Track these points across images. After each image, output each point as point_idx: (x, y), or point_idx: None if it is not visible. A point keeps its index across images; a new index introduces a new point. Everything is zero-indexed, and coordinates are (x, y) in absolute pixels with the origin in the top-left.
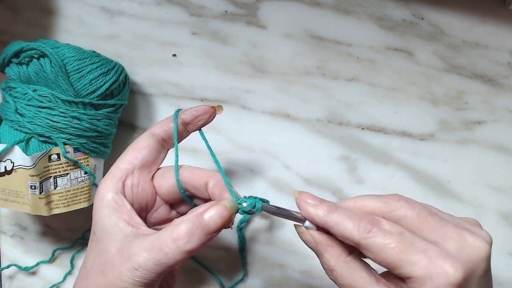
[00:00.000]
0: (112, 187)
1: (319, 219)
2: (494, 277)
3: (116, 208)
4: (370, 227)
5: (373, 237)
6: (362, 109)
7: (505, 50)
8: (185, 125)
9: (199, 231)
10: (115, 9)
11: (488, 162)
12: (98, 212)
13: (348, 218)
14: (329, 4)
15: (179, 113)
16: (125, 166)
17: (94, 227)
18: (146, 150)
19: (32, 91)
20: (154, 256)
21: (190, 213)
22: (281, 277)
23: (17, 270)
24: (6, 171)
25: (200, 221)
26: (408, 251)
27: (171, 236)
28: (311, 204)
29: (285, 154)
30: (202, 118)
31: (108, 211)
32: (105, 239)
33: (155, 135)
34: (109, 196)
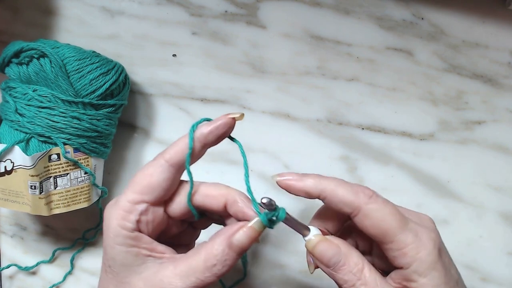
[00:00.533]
0: (126, 225)
1: (313, 188)
2: (494, 277)
3: (133, 244)
4: (370, 192)
5: (374, 202)
6: (362, 109)
7: (505, 50)
8: (204, 145)
9: (231, 255)
10: (115, 9)
11: (488, 162)
12: (113, 249)
13: (343, 184)
14: (329, 4)
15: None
16: (136, 200)
17: (110, 261)
18: (162, 187)
19: (32, 91)
20: (190, 284)
21: (219, 236)
22: (281, 277)
23: (17, 270)
24: (6, 171)
25: (231, 245)
26: (404, 219)
27: (205, 265)
28: (297, 179)
29: (285, 154)
30: (224, 134)
31: (126, 248)
32: (126, 272)
33: (171, 166)
34: (124, 233)
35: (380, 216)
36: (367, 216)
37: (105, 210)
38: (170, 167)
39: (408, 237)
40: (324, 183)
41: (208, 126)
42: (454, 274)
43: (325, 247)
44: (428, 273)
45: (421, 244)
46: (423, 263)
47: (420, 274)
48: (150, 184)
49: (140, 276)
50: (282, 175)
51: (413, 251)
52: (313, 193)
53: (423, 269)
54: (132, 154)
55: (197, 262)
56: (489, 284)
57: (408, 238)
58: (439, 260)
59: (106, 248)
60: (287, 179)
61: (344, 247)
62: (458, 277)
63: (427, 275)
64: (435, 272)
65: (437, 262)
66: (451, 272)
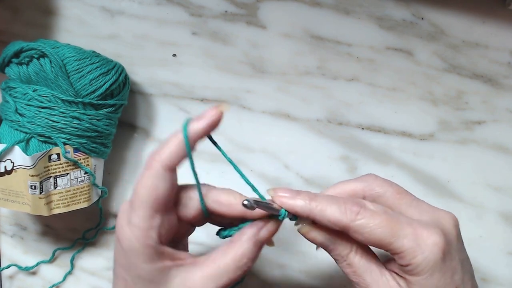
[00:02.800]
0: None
1: (303, 209)
2: (494, 277)
3: (158, 259)
4: (357, 209)
5: (361, 218)
6: (362, 109)
7: (505, 50)
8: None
9: (256, 250)
10: (115, 9)
11: (488, 162)
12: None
13: (332, 203)
14: (329, 4)
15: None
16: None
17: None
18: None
19: (32, 91)
20: (222, 284)
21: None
22: (281, 277)
23: (17, 270)
24: (6, 171)
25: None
26: (396, 227)
27: (237, 265)
28: (289, 197)
29: (285, 154)
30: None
31: (152, 265)
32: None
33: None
34: (148, 252)
35: (369, 231)
36: (356, 232)
37: (119, 231)
38: (169, 173)
39: (403, 243)
40: (313, 204)
41: (202, 124)
42: (456, 280)
43: (315, 235)
44: (422, 274)
45: (419, 248)
46: (419, 266)
47: (415, 273)
48: (157, 197)
49: (167, 287)
50: (276, 190)
51: (409, 255)
52: (302, 214)
53: (418, 271)
54: (132, 154)
55: (227, 263)
56: (489, 284)
57: (404, 244)
58: (439, 264)
59: (129, 266)
60: (280, 196)
61: (333, 235)
62: (461, 283)
63: (421, 275)
64: (431, 275)
65: (435, 265)
66: (454, 277)
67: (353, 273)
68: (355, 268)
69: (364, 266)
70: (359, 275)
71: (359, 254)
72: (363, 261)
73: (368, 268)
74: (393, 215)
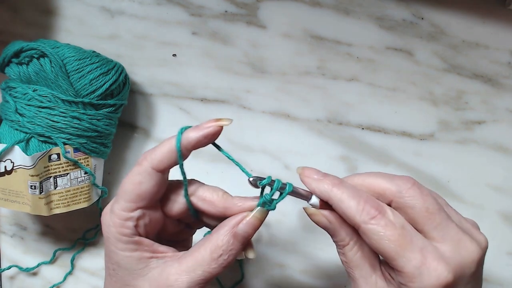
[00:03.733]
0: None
1: (322, 194)
2: (494, 277)
3: (135, 248)
4: (375, 212)
5: (375, 224)
6: (362, 109)
7: (505, 50)
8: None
9: (236, 244)
10: (115, 9)
11: (488, 162)
12: (116, 255)
13: (352, 197)
14: (329, 4)
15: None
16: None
17: (114, 266)
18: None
19: (32, 91)
20: (197, 277)
21: (223, 227)
22: (281, 277)
23: (17, 271)
24: (6, 171)
25: (236, 235)
26: (406, 247)
27: (212, 256)
28: (315, 179)
29: (285, 154)
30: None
31: (129, 253)
32: (131, 276)
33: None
34: (125, 239)
35: (376, 238)
36: (364, 234)
37: (102, 218)
38: (157, 173)
39: (405, 265)
40: (334, 191)
41: (196, 134)
42: None
43: (318, 219)
44: None
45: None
46: None
47: None
48: (141, 192)
49: (145, 277)
50: (305, 170)
51: (407, 278)
52: (322, 198)
53: None
54: (132, 154)
55: (202, 255)
56: (489, 284)
57: (405, 266)
58: None
59: (110, 254)
60: (307, 176)
61: (337, 223)
62: None
63: None
64: None
65: None
66: None
67: (345, 263)
68: (348, 260)
69: (356, 261)
70: (350, 267)
71: (355, 249)
72: (357, 257)
73: (360, 265)
74: (408, 233)
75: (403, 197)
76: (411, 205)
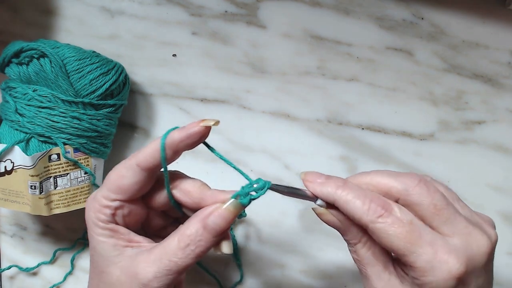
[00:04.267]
0: (102, 217)
1: (327, 197)
2: (494, 277)
3: (110, 235)
4: (381, 211)
5: (382, 222)
6: (362, 109)
7: (505, 50)
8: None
9: (205, 236)
10: (115, 9)
11: (488, 162)
12: (93, 239)
13: (357, 197)
14: (329, 4)
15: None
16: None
17: (92, 251)
18: (133, 188)
19: (32, 91)
20: (163, 267)
21: (194, 217)
22: (281, 277)
23: (17, 271)
24: (6, 171)
25: (206, 226)
26: (415, 242)
27: (179, 246)
28: (318, 183)
29: (285, 154)
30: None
31: (103, 238)
32: (104, 262)
33: (142, 169)
34: (100, 225)
35: (385, 237)
36: (373, 233)
37: (86, 203)
38: (141, 171)
39: (417, 260)
40: (339, 193)
41: (180, 134)
42: None
43: (328, 218)
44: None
45: (432, 271)
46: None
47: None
48: (122, 186)
49: (117, 265)
50: (308, 175)
51: (420, 273)
52: (327, 200)
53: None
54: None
55: (169, 245)
56: None
57: (417, 261)
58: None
59: (89, 238)
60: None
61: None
62: None
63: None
64: None
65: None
66: None
67: (357, 261)
68: (360, 258)
69: (368, 258)
70: (362, 264)
71: (367, 247)
72: (369, 254)
73: (372, 262)
74: (417, 228)
75: (410, 195)
76: (418, 202)
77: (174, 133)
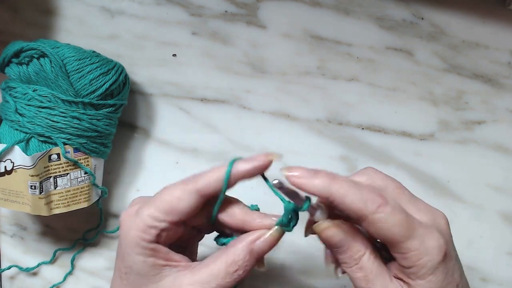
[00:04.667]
0: (146, 237)
1: (321, 191)
2: (494, 277)
3: (151, 254)
4: (380, 200)
5: (382, 212)
6: (362, 109)
7: (505, 50)
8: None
9: (251, 261)
10: (115, 9)
11: (488, 162)
12: (130, 257)
13: (354, 189)
14: (329, 4)
15: (232, 170)
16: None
17: (127, 269)
18: (187, 212)
19: (32, 91)
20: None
21: (241, 242)
22: (281, 277)
23: (17, 271)
24: (6, 171)
25: (252, 252)
26: (412, 226)
27: (227, 270)
28: (307, 177)
29: (285, 154)
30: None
31: (143, 258)
32: (142, 281)
33: (201, 196)
34: (143, 244)
35: (385, 226)
36: (372, 224)
37: (124, 219)
38: (199, 197)
39: (412, 245)
40: (333, 187)
41: (246, 166)
42: (456, 278)
43: (332, 233)
44: (426, 277)
45: (425, 251)
46: (423, 268)
47: (418, 276)
48: (177, 208)
49: (157, 284)
50: (291, 169)
51: (415, 257)
52: (321, 195)
53: (422, 273)
54: (132, 154)
55: (218, 268)
56: (489, 284)
57: (412, 245)
58: (441, 265)
59: (124, 255)
60: (296, 176)
61: (350, 234)
62: (460, 280)
63: (425, 278)
64: (434, 277)
65: (438, 267)
66: (454, 276)
67: (364, 277)
68: (367, 273)
69: (377, 270)
70: (370, 280)
71: (372, 257)
72: (376, 265)
73: (380, 273)
74: (408, 214)
75: (375, 182)
76: (384, 187)
77: (239, 164)
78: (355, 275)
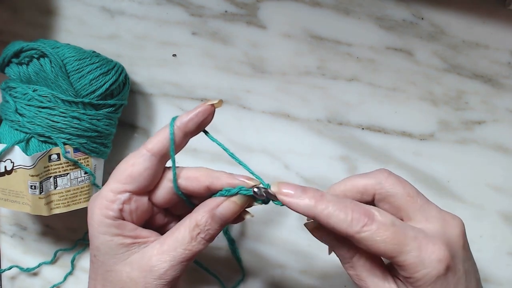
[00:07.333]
0: (109, 213)
1: (307, 212)
2: (494, 277)
3: (117, 233)
4: (365, 219)
5: (368, 230)
6: (362, 109)
7: (505, 50)
8: (185, 134)
9: (213, 225)
10: (115, 9)
11: (488, 162)
12: (97, 239)
13: (339, 209)
14: (329, 4)
15: (175, 121)
16: (119, 190)
17: (95, 251)
18: (143, 176)
19: (32, 91)
20: (179, 256)
21: (202, 207)
22: (281, 277)
23: (17, 271)
24: (6, 171)
25: (213, 216)
26: (402, 241)
27: (191, 235)
28: (294, 196)
29: (285, 154)
30: (204, 122)
31: (109, 237)
32: (111, 260)
33: (153, 155)
34: (107, 222)
35: (372, 244)
36: (360, 242)
37: (89, 202)
38: (152, 157)
39: (406, 258)
40: (318, 208)
41: (188, 114)
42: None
43: (320, 234)
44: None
45: (421, 263)
46: (420, 281)
47: (417, 286)
48: (132, 173)
49: (126, 261)
50: (281, 186)
51: (412, 269)
52: (307, 215)
53: (419, 284)
54: None
55: (183, 234)
56: (489, 284)
57: (406, 259)
58: (442, 279)
59: (92, 238)
60: (284, 193)
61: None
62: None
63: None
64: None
65: (437, 281)
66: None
67: (356, 276)
68: (358, 272)
69: (367, 270)
70: (362, 279)
71: (363, 258)
72: (367, 266)
73: (371, 273)
74: (400, 228)
75: (384, 187)
76: (393, 193)
77: (182, 116)
78: (348, 272)
